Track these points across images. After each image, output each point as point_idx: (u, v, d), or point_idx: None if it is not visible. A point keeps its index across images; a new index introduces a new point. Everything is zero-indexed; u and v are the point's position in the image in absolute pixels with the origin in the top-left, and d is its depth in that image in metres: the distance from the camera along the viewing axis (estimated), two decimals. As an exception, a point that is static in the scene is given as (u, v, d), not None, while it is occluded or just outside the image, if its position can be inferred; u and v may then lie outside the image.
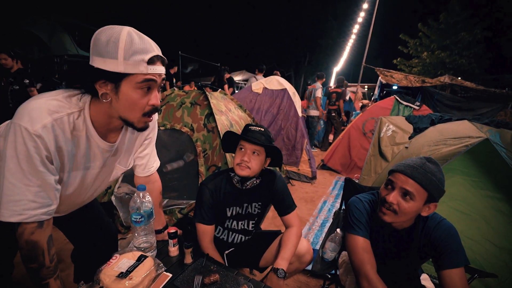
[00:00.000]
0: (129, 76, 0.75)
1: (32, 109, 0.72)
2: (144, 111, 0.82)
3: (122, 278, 0.88)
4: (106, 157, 0.96)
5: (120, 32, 0.73)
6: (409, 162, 1.02)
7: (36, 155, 0.72)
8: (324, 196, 3.50)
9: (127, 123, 0.84)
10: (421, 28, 12.06)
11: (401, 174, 1.00)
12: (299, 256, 1.36)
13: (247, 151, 1.25)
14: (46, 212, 0.79)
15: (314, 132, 5.92)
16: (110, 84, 0.76)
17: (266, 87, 4.17)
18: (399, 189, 1.00)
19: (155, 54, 0.77)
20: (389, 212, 1.01)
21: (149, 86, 0.79)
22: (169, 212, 2.22)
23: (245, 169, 1.25)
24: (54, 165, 0.79)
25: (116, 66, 0.72)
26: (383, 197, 1.03)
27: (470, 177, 1.80)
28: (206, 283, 0.98)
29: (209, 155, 2.23)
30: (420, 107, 4.16)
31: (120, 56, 0.72)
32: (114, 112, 0.82)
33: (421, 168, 0.97)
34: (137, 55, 0.73)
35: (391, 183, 1.03)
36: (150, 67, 0.76)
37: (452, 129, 1.90)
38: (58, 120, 0.75)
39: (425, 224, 1.06)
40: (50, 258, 0.81)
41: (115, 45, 0.71)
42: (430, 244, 1.04)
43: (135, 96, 0.78)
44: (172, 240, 1.13)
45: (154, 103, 0.82)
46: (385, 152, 2.41)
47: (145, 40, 0.77)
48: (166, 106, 2.47)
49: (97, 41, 0.73)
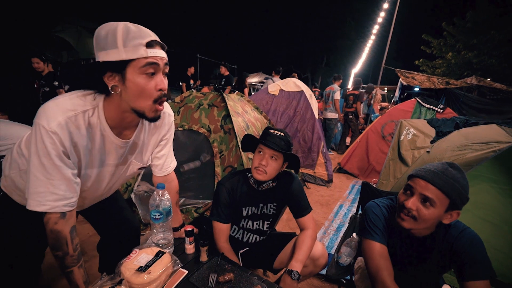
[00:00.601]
0: (132, 62, 0.79)
1: (48, 109, 0.79)
2: (153, 97, 0.85)
3: (141, 272, 0.92)
4: (121, 153, 1.00)
5: (116, 24, 0.78)
6: (429, 167, 0.98)
7: (53, 151, 0.78)
8: (340, 200, 3.44)
9: (139, 114, 0.87)
10: (445, 27, 11.52)
11: (421, 179, 0.96)
12: (313, 260, 1.35)
13: (265, 155, 1.26)
14: (67, 204, 0.85)
15: (331, 134, 5.83)
16: (117, 75, 0.80)
17: (283, 89, 4.16)
18: (419, 195, 0.96)
19: (153, 39, 0.81)
20: (407, 218, 0.98)
21: (152, 70, 0.82)
22: (185, 211, 2.27)
23: (262, 174, 1.27)
24: (71, 160, 0.84)
25: (118, 55, 0.77)
26: (401, 203, 1.00)
27: (498, 185, 1.69)
28: (220, 281, 1.00)
29: (225, 156, 2.26)
30: (443, 110, 3.97)
31: (120, 44, 0.76)
32: (125, 104, 0.85)
33: (442, 173, 0.93)
34: (135, 40, 0.77)
35: (410, 188, 1.00)
36: (150, 50, 0.80)
37: (479, 133, 1.80)
38: (72, 118, 0.81)
39: (447, 232, 1.01)
40: (73, 247, 0.87)
41: (113, 35, 0.76)
42: (452, 253, 0.99)
43: (141, 82, 0.81)
44: (188, 238, 1.16)
45: (161, 87, 0.85)
46: (405, 156, 2.32)
47: (140, 28, 0.81)
48: (184, 107, 2.53)
49: (97, 37, 0.79)
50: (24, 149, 0.97)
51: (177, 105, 2.58)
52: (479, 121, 2.05)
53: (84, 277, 0.90)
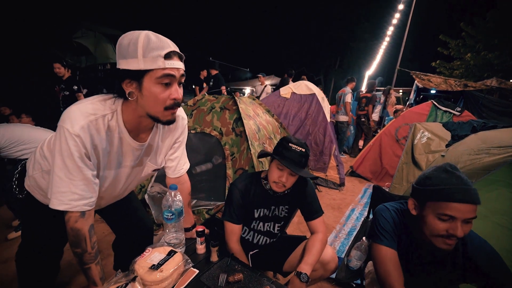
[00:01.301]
0: (149, 72, 0.82)
1: (72, 113, 0.83)
2: (165, 104, 0.88)
3: (154, 270, 0.95)
4: (137, 155, 1.05)
5: (139, 34, 0.81)
6: (459, 184, 0.89)
7: (76, 153, 0.83)
8: (352, 204, 3.39)
9: (153, 118, 0.91)
10: (464, 27, 11.14)
11: (462, 204, 0.87)
12: (323, 264, 1.34)
13: (285, 173, 1.25)
14: (87, 203, 0.89)
15: (344, 138, 5.75)
16: (134, 82, 0.84)
17: (295, 92, 4.17)
18: (462, 221, 0.88)
19: (172, 50, 0.84)
20: (452, 242, 0.91)
21: (168, 81, 0.85)
22: (197, 212, 2.31)
23: (282, 188, 1.28)
24: (92, 162, 0.89)
25: (137, 64, 0.81)
26: (444, 231, 0.90)
27: (517, 190, 1.63)
28: (230, 281, 1.02)
29: (236, 159, 2.29)
30: (461, 113, 3.82)
31: (140, 54, 0.80)
32: (141, 109, 0.90)
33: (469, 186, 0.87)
34: (154, 51, 0.81)
35: (449, 216, 0.89)
36: (168, 62, 0.83)
37: (497, 137, 1.74)
38: (94, 122, 0.85)
39: (465, 247, 0.98)
40: (91, 245, 0.91)
41: (134, 45, 0.80)
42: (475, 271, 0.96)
43: (156, 91, 0.85)
44: (199, 238, 1.19)
45: (175, 96, 0.88)
46: (419, 160, 2.27)
47: (161, 38, 0.84)
48: (197, 110, 2.59)
49: (120, 45, 0.83)
50: (46, 151, 1.03)
51: (190, 108, 2.64)
52: (497, 124, 1.98)
53: (100, 273, 0.94)
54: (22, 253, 1.25)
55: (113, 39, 7.10)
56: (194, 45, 17.35)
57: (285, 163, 1.20)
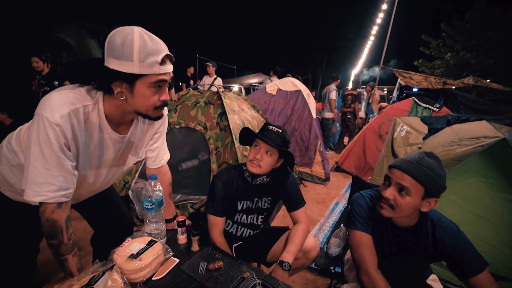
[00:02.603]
0: (143, 77, 0.82)
1: (52, 100, 0.81)
2: (155, 105, 0.91)
3: (133, 259, 0.95)
4: (118, 147, 1.04)
5: (132, 34, 0.79)
6: (407, 158, 1.01)
7: (55, 142, 0.80)
8: (336, 197, 3.46)
9: (143, 116, 0.93)
10: (444, 28, 11.56)
11: (397, 169, 1.00)
12: (305, 252, 1.37)
13: (260, 150, 1.29)
14: (64, 194, 0.87)
15: (329, 134, 5.86)
16: (126, 84, 0.83)
17: (281, 88, 4.20)
18: (395, 184, 0.99)
19: (166, 54, 0.84)
20: (386, 206, 1.01)
21: (160, 84, 0.87)
22: (181, 207, 2.30)
23: (256, 167, 1.29)
24: (71, 152, 0.87)
25: (132, 68, 0.80)
26: (381, 193, 1.04)
27: (487, 179, 1.72)
28: (210, 269, 1.03)
29: (221, 153, 2.29)
30: (440, 109, 4.01)
31: (136, 58, 0.78)
32: (130, 107, 0.90)
33: (417, 163, 0.96)
34: (151, 57, 0.80)
35: (388, 178, 1.03)
36: (162, 67, 0.84)
37: (469, 130, 1.84)
38: (75, 111, 0.83)
39: (434, 229, 1.04)
40: (68, 236, 0.89)
41: (130, 48, 0.78)
42: (441, 250, 1.02)
43: (148, 94, 0.86)
44: (180, 228, 1.19)
45: (164, 98, 0.91)
46: (398, 152, 2.35)
47: (155, 41, 0.83)
48: (182, 105, 2.57)
49: (112, 43, 0.80)
50: (15, 145, 0.98)
51: (174, 103, 2.61)
52: (470, 118, 2.08)
53: (78, 264, 0.93)
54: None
55: (95, 33, 6.90)
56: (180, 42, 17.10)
57: (260, 137, 1.26)
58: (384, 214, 1.02)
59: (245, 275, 1.00)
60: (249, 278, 0.99)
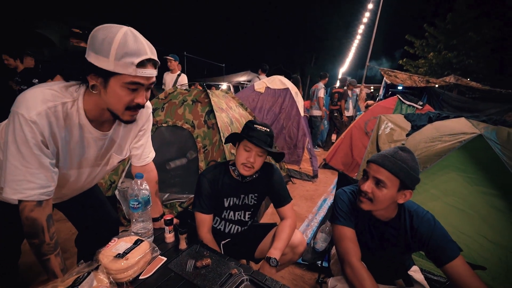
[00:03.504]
0: (118, 75, 0.80)
1: (28, 98, 0.80)
2: (127, 107, 0.88)
3: (119, 259, 0.94)
4: (100, 145, 1.02)
5: (117, 32, 0.78)
6: (382, 152, 1.06)
7: (32, 140, 0.79)
8: (324, 194, 3.52)
9: (114, 115, 0.91)
10: (427, 28, 11.93)
11: (373, 163, 1.05)
12: (292, 247, 1.40)
13: (252, 153, 1.28)
14: (44, 192, 0.85)
15: (317, 132, 5.93)
16: (100, 78, 0.82)
17: (269, 86, 4.22)
18: (372, 178, 1.04)
19: (147, 58, 0.81)
20: (365, 200, 1.05)
21: (135, 87, 0.84)
22: (169, 206, 2.28)
23: (250, 170, 1.30)
24: (50, 150, 0.85)
25: (107, 65, 0.78)
26: (359, 187, 1.08)
27: (465, 174, 1.80)
28: (198, 266, 1.03)
29: (209, 151, 2.29)
30: (423, 107, 4.14)
31: (112, 56, 0.77)
32: (103, 103, 0.88)
33: (392, 156, 1.01)
34: (128, 58, 0.78)
35: (366, 173, 1.08)
36: (139, 70, 0.81)
37: (448, 126, 1.91)
38: (52, 108, 0.82)
39: (412, 220, 1.08)
40: (50, 236, 0.87)
41: (109, 44, 0.76)
42: (418, 239, 1.06)
43: (121, 94, 0.83)
44: (168, 227, 1.19)
45: (139, 102, 0.88)
46: (383, 149, 2.41)
47: (139, 42, 0.80)
48: (169, 103, 2.54)
49: (94, 37, 0.79)
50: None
51: (161, 102, 2.58)
52: (449, 115, 2.17)
53: (61, 264, 0.91)
54: None
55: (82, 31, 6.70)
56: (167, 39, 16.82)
57: (254, 141, 1.24)
58: (363, 208, 1.06)
59: (232, 272, 1.01)
60: (236, 274, 1.00)
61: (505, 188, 1.69)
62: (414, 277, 1.23)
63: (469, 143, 1.70)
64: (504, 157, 1.58)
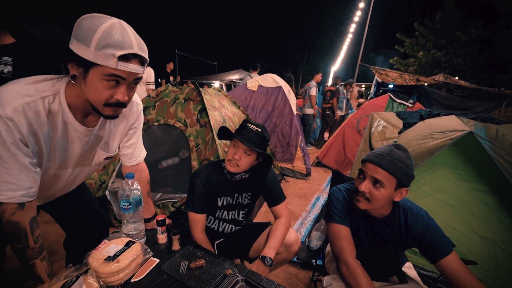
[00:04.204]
0: (97, 66, 0.74)
1: (3, 94, 0.75)
2: (106, 102, 0.81)
3: (110, 261, 0.91)
4: (86, 141, 0.97)
5: (104, 22, 0.73)
6: (377, 151, 1.05)
7: (9, 138, 0.75)
8: (317, 192, 3.54)
9: (94, 109, 0.84)
10: (417, 27, 12.14)
11: (370, 163, 1.04)
12: (287, 246, 1.39)
13: (239, 150, 1.26)
14: (25, 194, 0.81)
15: (310, 130, 5.95)
16: (80, 68, 0.77)
17: (261, 84, 4.20)
18: (370, 178, 1.03)
19: (132, 52, 0.76)
20: (362, 199, 1.05)
21: (116, 80, 0.78)
22: (162, 206, 2.25)
23: (234, 167, 1.28)
24: (30, 148, 0.81)
25: (86, 54, 0.73)
26: (356, 186, 1.07)
27: (456, 171, 1.83)
28: (191, 267, 1.01)
29: (201, 150, 2.26)
30: (413, 105, 4.20)
31: (93, 45, 0.72)
32: (84, 95, 0.82)
33: (388, 155, 1.01)
34: (109, 49, 0.72)
35: (362, 172, 1.07)
36: (122, 64, 0.75)
37: (439, 124, 1.94)
38: (31, 104, 0.77)
39: (406, 217, 1.08)
40: (34, 239, 0.83)
41: (92, 33, 0.72)
42: (413, 235, 1.06)
43: (100, 86, 0.78)
44: (160, 228, 1.16)
45: (119, 98, 0.82)
46: (375, 147, 2.44)
47: (126, 35, 0.75)
48: (160, 101, 2.49)
49: (79, 25, 0.75)
50: None
51: (153, 100, 2.53)
52: (440, 112, 2.20)
53: (47, 269, 0.87)
54: None
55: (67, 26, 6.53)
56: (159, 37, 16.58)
57: (240, 138, 1.22)
58: (360, 207, 1.06)
59: (227, 272, 0.99)
60: (231, 275, 0.98)
61: (493, 184, 1.72)
62: (408, 273, 1.24)
63: (459, 140, 1.73)
64: (493, 154, 1.61)
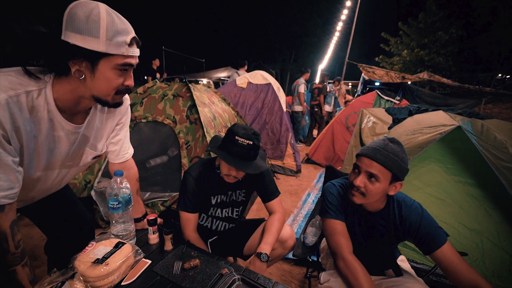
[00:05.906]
0: (109, 56, 0.75)
1: None
2: (117, 90, 0.83)
3: (98, 264, 0.86)
4: (73, 140, 0.92)
5: (98, 9, 0.72)
6: (372, 145, 1.04)
7: None
8: (308, 188, 3.55)
9: (100, 101, 0.84)
10: (401, 26, 12.44)
11: (365, 157, 1.03)
12: (282, 242, 1.38)
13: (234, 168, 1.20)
14: (6, 195, 0.75)
15: (299, 127, 5.97)
16: (87, 62, 0.74)
17: (251, 81, 4.16)
18: (365, 172, 1.02)
19: (134, 36, 0.79)
20: (357, 194, 1.04)
21: (126, 68, 0.81)
22: (151, 205, 2.18)
23: (233, 180, 1.26)
24: (13, 146, 0.74)
25: (97, 45, 0.72)
26: (351, 181, 1.06)
27: (444, 164, 1.87)
28: (186, 268, 0.97)
29: (192, 147, 2.20)
30: (400, 102, 4.31)
31: (103, 35, 0.71)
32: (87, 90, 0.80)
33: (383, 149, 1.00)
34: (120, 36, 0.74)
35: (357, 167, 1.06)
36: (130, 49, 0.78)
37: (428, 119, 1.98)
38: (14, 98, 0.71)
39: (400, 210, 1.09)
40: (15, 244, 0.77)
41: (96, 23, 0.71)
42: (407, 227, 1.07)
43: (112, 76, 0.79)
44: (151, 227, 1.11)
45: (129, 83, 0.85)
46: (366, 142, 2.47)
47: (123, 20, 0.77)
48: (148, 98, 2.41)
49: (73, 16, 0.70)
50: None
51: (140, 96, 2.44)
52: (428, 108, 2.25)
53: (30, 276, 0.81)
54: None
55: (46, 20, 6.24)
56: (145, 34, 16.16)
57: (232, 163, 1.15)
58: (356, 201, 1.05)
59: (223, 271, 0.96)
60: (227, 274, 0.95)
61: (480, 177, 1.77)
62: (402, 266, 1.25)
63: (448, 135, 1.76)
64: (480, 147, 1.66)
